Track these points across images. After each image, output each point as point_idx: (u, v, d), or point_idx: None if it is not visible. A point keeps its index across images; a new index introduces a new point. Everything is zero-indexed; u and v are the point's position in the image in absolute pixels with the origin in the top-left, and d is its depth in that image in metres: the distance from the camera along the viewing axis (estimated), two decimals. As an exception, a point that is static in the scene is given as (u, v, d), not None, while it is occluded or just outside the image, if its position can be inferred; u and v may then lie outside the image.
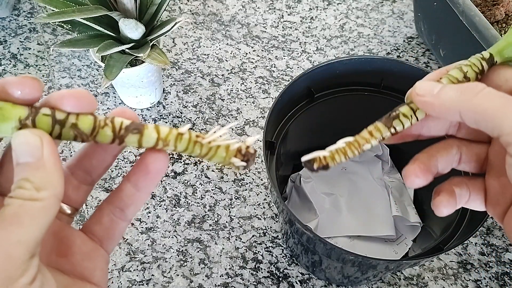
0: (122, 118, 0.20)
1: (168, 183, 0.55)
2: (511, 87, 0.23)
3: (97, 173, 0.23)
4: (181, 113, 0.62)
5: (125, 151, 0.58)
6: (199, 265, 0.50)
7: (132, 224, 0.52)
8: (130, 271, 0.49)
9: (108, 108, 0.62)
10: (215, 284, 0.49)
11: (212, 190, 0.55)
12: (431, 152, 0.25)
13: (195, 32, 0.70)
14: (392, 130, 0.23)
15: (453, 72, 0.24)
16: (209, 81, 0.65)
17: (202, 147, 0.21)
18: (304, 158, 0.23)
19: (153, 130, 0.20)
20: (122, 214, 0.23)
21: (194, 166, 0.57)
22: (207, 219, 0.53)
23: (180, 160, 0.57)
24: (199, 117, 0.61)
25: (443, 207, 0.25)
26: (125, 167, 0.57)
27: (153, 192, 0.55)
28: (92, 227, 0.23)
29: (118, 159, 0.57)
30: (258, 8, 0.74)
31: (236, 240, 0.52)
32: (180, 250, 0.51)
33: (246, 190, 0.55)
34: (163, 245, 0.51)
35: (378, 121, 0.24)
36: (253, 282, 0.49)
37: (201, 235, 0.52)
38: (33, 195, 0.17)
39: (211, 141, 0.21)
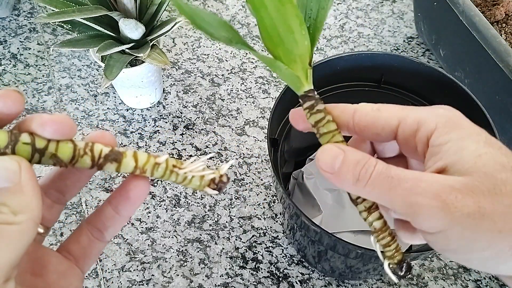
0: (102, 145, 0.21)
1: (168, 183, 0.55)
2: (427, 133, 0.22)
3: (71, 193, 0.23)
4: (181, 113, 0.62)
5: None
6: (199, 265, 0.50)
7: (132, 224, 0.52)
8: (130, 271, 0.49)
9: (108, 108, 0.62)
10: (215, 284, 0.49)
11: (212, 190, 0.55)
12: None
13: (195, 32, 0.70)
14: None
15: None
16: (209, 81, 0.65)
17: (178, 176, 0.22)
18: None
19: (131, 159, 0.21)
20: (100, 235, 0.24)
21: (194, 166, 0.57)
22: (207, 219, 0.53)
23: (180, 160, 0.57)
24: (199, 117, 0.61)
25: None
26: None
27: (153, 192, 0.55)
28: (70, 246, 0.24)
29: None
30: (258, 8, 0.74)
31: (236, 240, 0.52)
32: (180, 250, 0.51)
33: (246, 190, 0.55)
34: (163, 245, 0.51)
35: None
36: (253, 282, 0.49)
37: (201, 235, 0.52)
38: (8, 219, 0.17)
39: (186, 172, 0.22)
